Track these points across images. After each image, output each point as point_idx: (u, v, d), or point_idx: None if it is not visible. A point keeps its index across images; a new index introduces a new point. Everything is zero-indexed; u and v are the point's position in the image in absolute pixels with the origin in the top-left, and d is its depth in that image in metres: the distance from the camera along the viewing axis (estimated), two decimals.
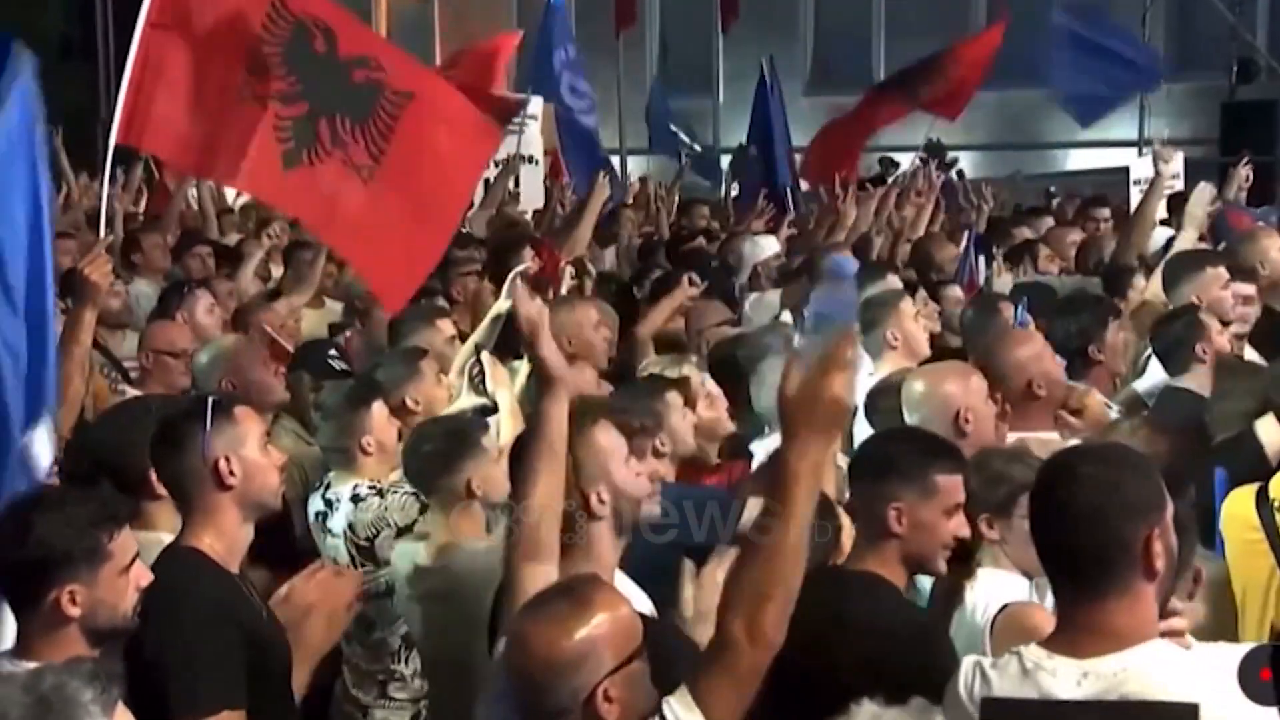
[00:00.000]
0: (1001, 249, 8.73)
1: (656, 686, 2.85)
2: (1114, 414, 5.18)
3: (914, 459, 3.44)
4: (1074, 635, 2.79)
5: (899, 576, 3.39)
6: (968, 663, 2.89)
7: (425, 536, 4.42)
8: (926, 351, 5.78)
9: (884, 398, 4.80)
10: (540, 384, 3.28)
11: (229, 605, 3.45)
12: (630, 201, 12.70)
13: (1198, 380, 5.55)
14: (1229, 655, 2.79)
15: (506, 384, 5.21)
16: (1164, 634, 2.84)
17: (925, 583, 3.65)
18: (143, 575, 3.26)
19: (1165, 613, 2.89)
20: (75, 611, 3.12)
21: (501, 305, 5.39)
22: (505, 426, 5.06)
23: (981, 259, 7.95)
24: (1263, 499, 4.22)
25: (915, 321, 5.85)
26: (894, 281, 6.73)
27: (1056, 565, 2.86)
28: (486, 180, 13.03)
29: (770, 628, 2.77)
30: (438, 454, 4.41)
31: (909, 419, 4.57)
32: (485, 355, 5.45)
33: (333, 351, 6.05)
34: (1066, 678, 2.75)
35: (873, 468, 3.50)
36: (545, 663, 2.77)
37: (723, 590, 2.85)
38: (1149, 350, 5.94)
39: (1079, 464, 2.88)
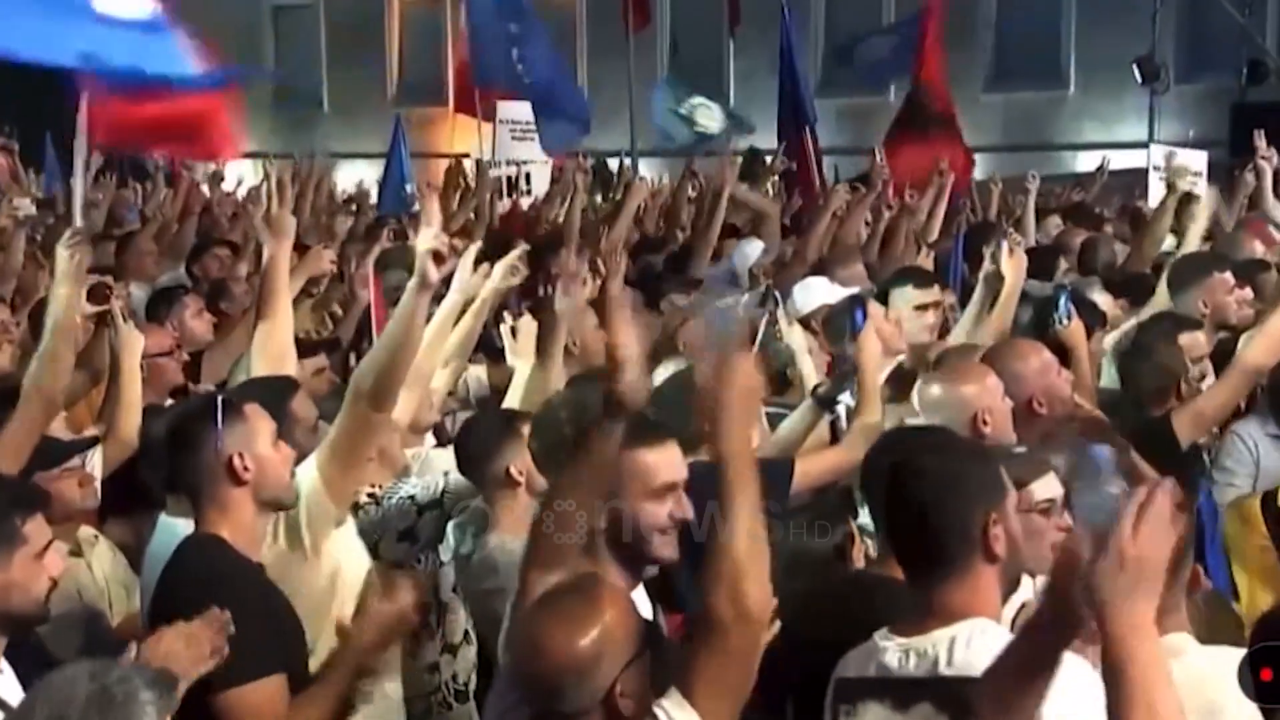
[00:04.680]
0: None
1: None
2: None
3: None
4: (916, 616, 2.98)
5: None
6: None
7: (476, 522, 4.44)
8: (902, 347, 5.81)
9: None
10: (609, 411, 3.18)
11: (255, 586, 3.54)
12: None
13: None
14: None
15: (529, 355, 5.23)
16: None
17: None
18: (56, 564, 3.33)
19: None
20: None
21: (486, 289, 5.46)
22: (514, 396, 5.20)
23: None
24: (1269, 506, 4.25)
25: (890, 324, 5.84)
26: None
27: (904, 552, 3.09)
28: (508, 179, 13.12)
29: (753, 601, 2.79)
30: (481, 441, 4.44)
31: (926, 421, 4.60)
32: (524, 321, 5.45)
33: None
34: (893, 655, 2.95)
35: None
36: (562, 666, 2.76)
37: (702, 580, 2.86)
38: None
39: (919, 457, 3.10)
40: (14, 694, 3.24)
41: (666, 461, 3.25)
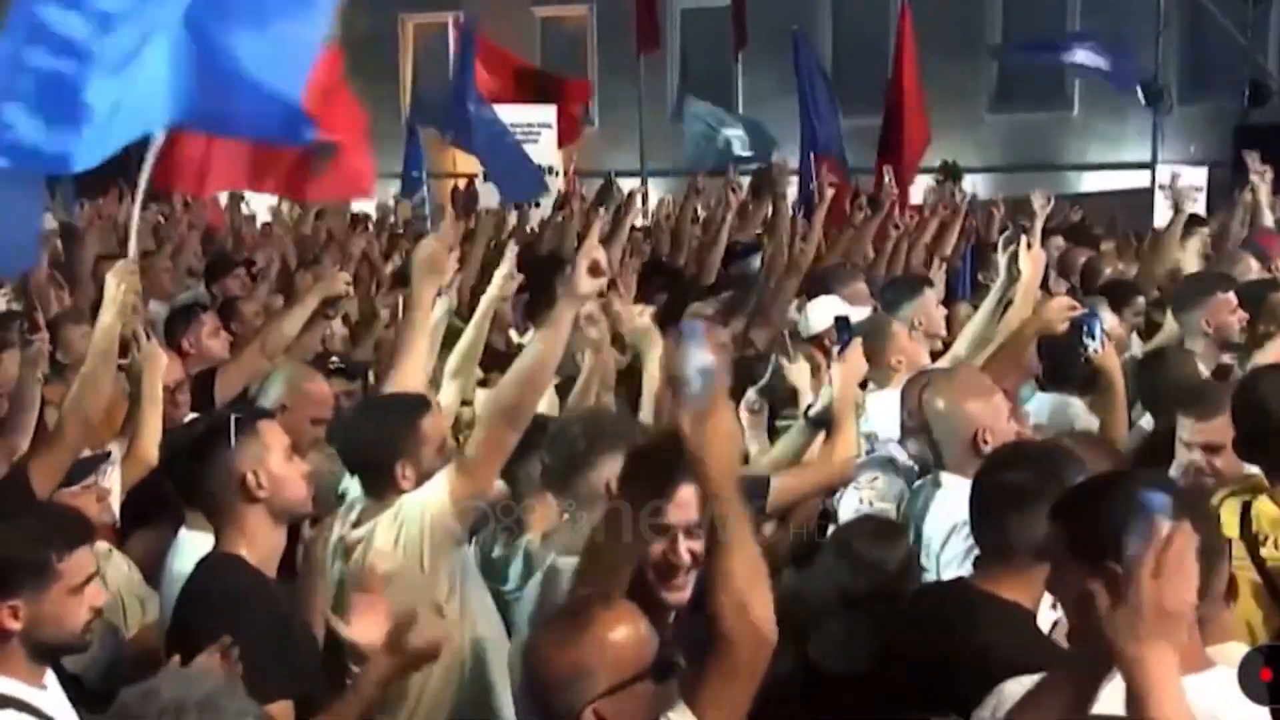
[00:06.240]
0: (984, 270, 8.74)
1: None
2: None
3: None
4: None
5: (1036, 597, 3.39)
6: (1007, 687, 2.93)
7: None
8: (928, 363, 5.88)
9: None
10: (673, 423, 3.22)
11: (269, 608, 3.59)
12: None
13: None
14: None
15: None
16: None
17: None
18: (97, 595, 3.35)
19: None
20: (15, 625, 3.22)
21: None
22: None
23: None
24: (1245, 522, 4.15)
25: (912, 340, 5.96)
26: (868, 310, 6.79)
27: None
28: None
29: (760, 620, 2.81)
30: (572, 450, 4.26)
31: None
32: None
33: (334, 359, 6.22)
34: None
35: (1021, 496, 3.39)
36: (539, 679, 2.80)
37: (706, 599, 2.87)
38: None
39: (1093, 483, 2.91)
40: (64, 710, 3.30)
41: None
